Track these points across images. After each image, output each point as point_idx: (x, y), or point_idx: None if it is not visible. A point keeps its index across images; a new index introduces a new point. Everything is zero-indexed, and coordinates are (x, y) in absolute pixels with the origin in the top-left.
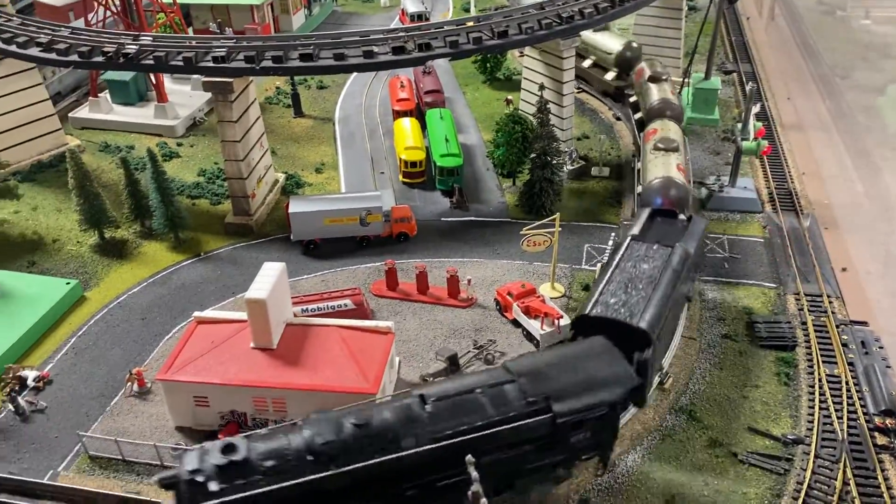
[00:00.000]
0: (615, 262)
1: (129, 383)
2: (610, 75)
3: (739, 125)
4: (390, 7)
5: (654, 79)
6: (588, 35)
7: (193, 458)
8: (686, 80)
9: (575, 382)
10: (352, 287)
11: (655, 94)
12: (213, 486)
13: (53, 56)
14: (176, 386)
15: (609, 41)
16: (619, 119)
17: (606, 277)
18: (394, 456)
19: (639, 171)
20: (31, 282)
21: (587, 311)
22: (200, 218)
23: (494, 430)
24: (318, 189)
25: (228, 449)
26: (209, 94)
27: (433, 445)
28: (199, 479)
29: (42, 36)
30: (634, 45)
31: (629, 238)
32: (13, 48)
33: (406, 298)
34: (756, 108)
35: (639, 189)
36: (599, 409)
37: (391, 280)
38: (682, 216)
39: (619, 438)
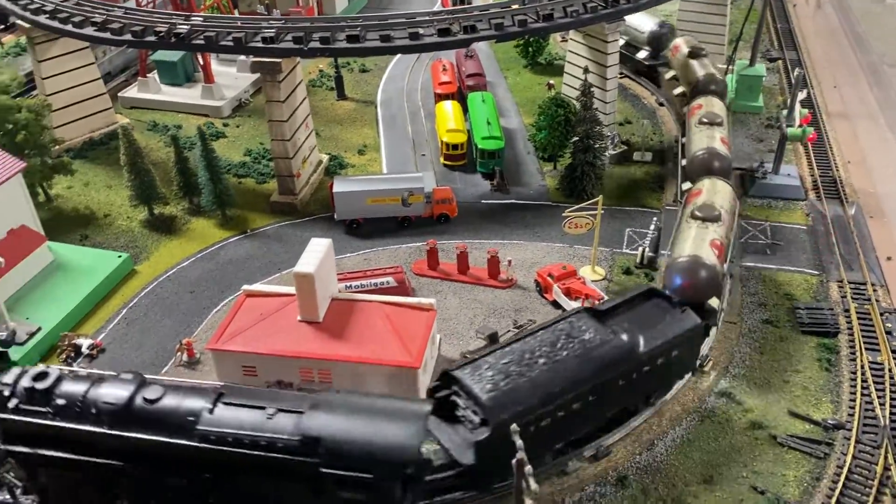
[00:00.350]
0: (535, 329)
1: (179, 353)
2: (642, 54)
3: (784, 112)
4: None
5: (695, 54)
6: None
7: (14, 373)
8: (730, 66)
9: (359, 437)
10: (394, 265)
11: (699, 69)
12: (11, 403)
13: (108, 35)
14: (225, 355)
15: (641, 20)
16: (661, 105)
17: (511, 342)
18: (159, 440)
19: (683, 145)
20: (84, 254)
21: (451, 369)
22: (246, 196)
23: (248, 451)
24: (360, 170)
25: (40, 377)
26: (255, 76)
27: (198, 444)
28: (6, 392)
29: (97, 16)
30: (667, 23)
31: (581, 308)
32: (69, 27)
33: (446, 278)
34: (802, 95)
35: (683, 162)
36: (367, 475)
37: (432, 260)
38: (681, 309)
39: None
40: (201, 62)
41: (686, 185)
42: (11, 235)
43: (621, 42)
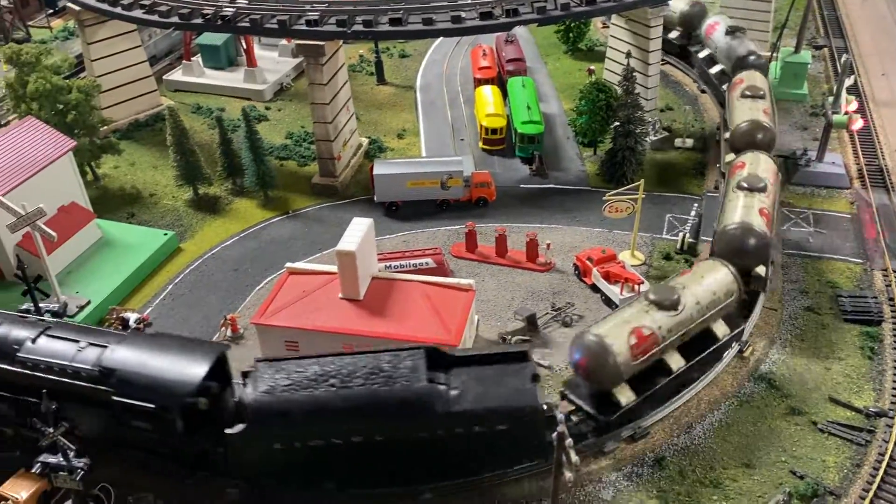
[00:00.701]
0: (368, 351)
1: (224, 328)
2: (673, 34)
3: (830, 99)
4: None
5: (734, 31)
6: None
7: None
8: (774, 54)
9: (148, 369)
10: (433, 247)
11: (739, 45)
12: None
13: (155, 17)
14: (269, 330)
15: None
16: (703, 91)
17: (332, 355)
18: None
19: (725, 119)
20: (131, 232)
21: (260, 359)
22: (288, 178)
23: (57, 378)
24: (399, 154)
25: None
26: (296, 61)
27: (17, 369)
28: None
29: None
30: (699, 2)
31: (427, 346)
32: (118, 10)
33: (485, 261)
34: (849, 81)
35: (726, 135)
36: (149, 405)
37: (471, 242)
38: (534, 385)
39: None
40: (244, 46)
41: (730, 157)
42: (62, 212)
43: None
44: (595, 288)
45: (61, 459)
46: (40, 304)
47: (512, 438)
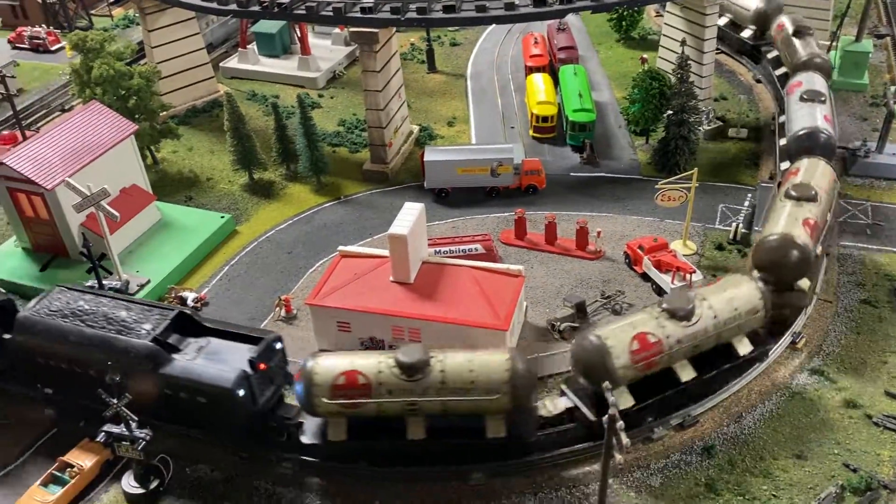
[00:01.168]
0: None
1: (278, 308)
2: (746, 33)
3: (892, 88)
4: None
5: (799, 32)
6: None
7: None
8: (834, 43)
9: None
10: (482, 233)
11: (801, 47)
12: None
13: (214, 5)
14: (323, 311)
15: None
16: (758, 81)
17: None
18: None
19: (782, 124)
20: (189, 214)
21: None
22: (340, 164)
23: None
24: (449, 141)
25: None
26: (349, 49)
27: None
28: None
29: None
30: (774, 1)
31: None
32: None
33: (534, 248)
34: None
35: (782, 142)
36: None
37: (520, 229)
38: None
39: None
40: (298, 34)
41: (784, 165)
42: (124, 194)
43: (724, 20)
44: (646, 277)
45: (124, 430)
46: (103, 282)
47: (213, 410)
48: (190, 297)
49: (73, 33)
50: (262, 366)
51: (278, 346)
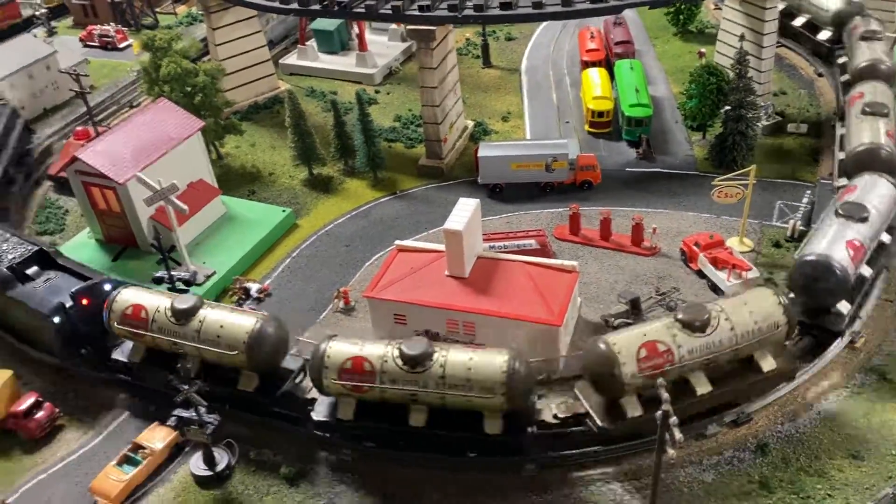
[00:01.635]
0: None
1: (337, 300)
2: (824, 35)
3: None
4: None
5: (867, 37)
6: None
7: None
8: None
9: None
10: (536, 228)
11: (866, 52)
12: None
13: (276, 4)
14: (380, 303)
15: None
16: (820, 75)
17: None
18: None
19: (842, 136)
20: (252, 208)
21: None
22: (396, 159)
23: None
24: (503, 137)
25: None
26: (405, 45)
27: None
28: None
29: None
30: (857, 1)
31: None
32: None
33: (588, 243)
34: None
35: (841, 155)
36: None
37: (574, 225)
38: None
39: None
40: (356, 31)
41: (842, 182)
42: (191, 188)
43: (801, 20)
44: (701, 274)
45: (194, 414)
46: (172, 273)
47: (39, 331)
48: (254, 287)
49: (143, 33)
50: (85, 300)
51: (107, 287)
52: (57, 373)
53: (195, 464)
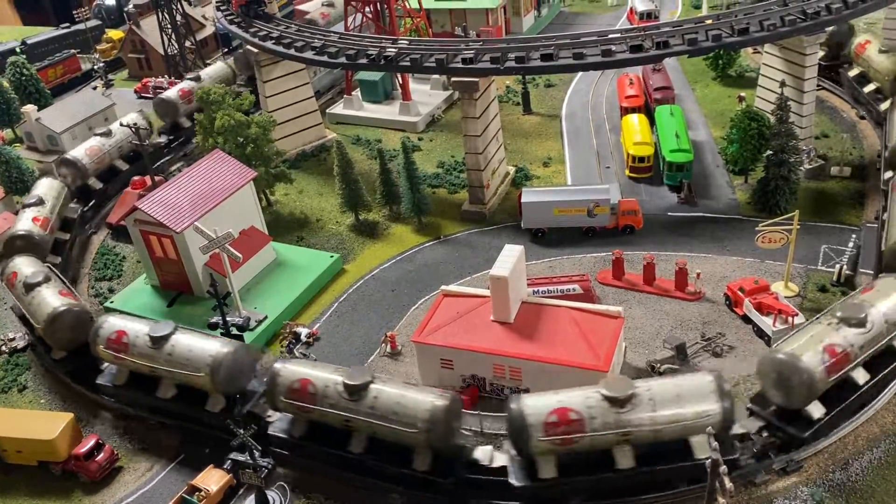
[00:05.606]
0: None
1: (384, 344)
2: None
3: None
4: (617, 6)
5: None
6: None
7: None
8: None
9: None
10: (580, 273)
11: None
12: None
13: (325, 59)
14: (427, 348)
15: None
16: (862, 118)
17: None
18: None
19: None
20: (301, 254)
21: None
22: (439, 205)
23: None
24: (544, 182)
25: None
26: (447, 93)
27: None
28: None
29: (315, 41)
30: (846, 23)
31: None
32: (292, 52)
33: (632, 288)
34: None
35: (888, 175)
36: None
37: (617, 269)
38: None
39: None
40: (400, 81)
41: (888, 175)
42: (243, 235)
43: (854, 72)
44: (747, 319)
45: (249, 458)
46: (227, 319)
47: None
48: (303, 332)
49: (200, 88)
50: None
51: None
52: (116, 416)
53: None
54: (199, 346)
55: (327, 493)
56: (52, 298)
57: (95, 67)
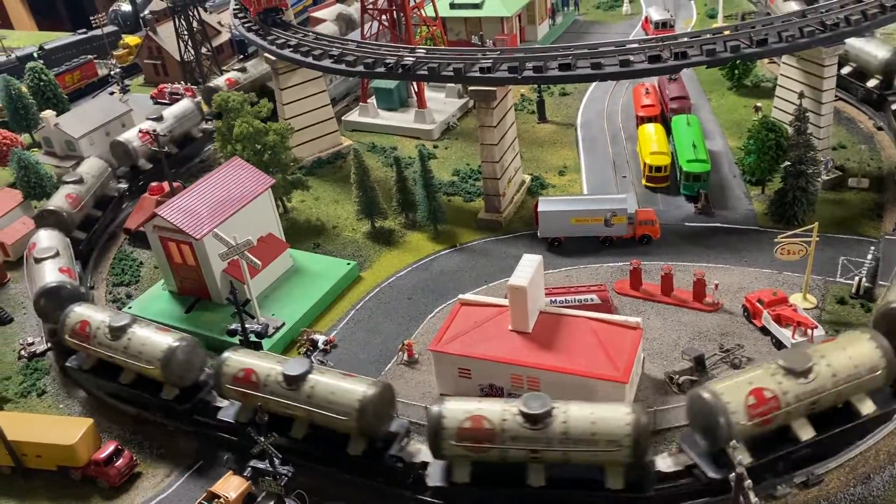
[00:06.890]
0: None
1: (401, 352)
2: (872, 82)
3: None
4: (632, 15)
5: None
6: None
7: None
8: None
9: None
10: (598, 283)
11: None
12: None
13: (343, 67)
14: (444, 357)
15: (873, 46)
16: (880, 129)
17: None
18: None
19: None
20: (317, 261)
21: None
22: (455, 213)
23: None
24: (560, 191)
25: None
26: (462, 101)
27: None
28: None
29: (333, 49)
30: None
31: None
32: (310, 60)
33: (649, 298)
34: None
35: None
36: None
37: (635, 280)
38: None
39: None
40: (415, 89)
41: None
42: (261, 242)
43: (847, 69)
44: (765, 330)
45: (269, 466)
46: (245, 325)
47: None
48: (321, 339)
49: (218, 94)
50: None
51: None
52: (134, 422)
53: None
54: (153, 339)
55: (347, 500)
56: (48, 273)
57: (112, 73)
